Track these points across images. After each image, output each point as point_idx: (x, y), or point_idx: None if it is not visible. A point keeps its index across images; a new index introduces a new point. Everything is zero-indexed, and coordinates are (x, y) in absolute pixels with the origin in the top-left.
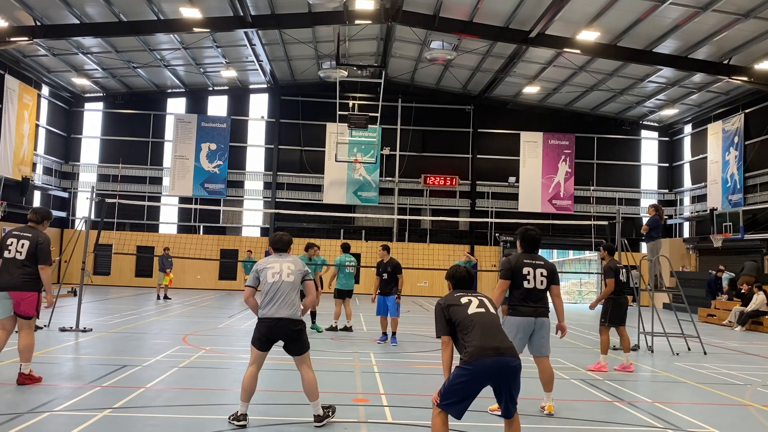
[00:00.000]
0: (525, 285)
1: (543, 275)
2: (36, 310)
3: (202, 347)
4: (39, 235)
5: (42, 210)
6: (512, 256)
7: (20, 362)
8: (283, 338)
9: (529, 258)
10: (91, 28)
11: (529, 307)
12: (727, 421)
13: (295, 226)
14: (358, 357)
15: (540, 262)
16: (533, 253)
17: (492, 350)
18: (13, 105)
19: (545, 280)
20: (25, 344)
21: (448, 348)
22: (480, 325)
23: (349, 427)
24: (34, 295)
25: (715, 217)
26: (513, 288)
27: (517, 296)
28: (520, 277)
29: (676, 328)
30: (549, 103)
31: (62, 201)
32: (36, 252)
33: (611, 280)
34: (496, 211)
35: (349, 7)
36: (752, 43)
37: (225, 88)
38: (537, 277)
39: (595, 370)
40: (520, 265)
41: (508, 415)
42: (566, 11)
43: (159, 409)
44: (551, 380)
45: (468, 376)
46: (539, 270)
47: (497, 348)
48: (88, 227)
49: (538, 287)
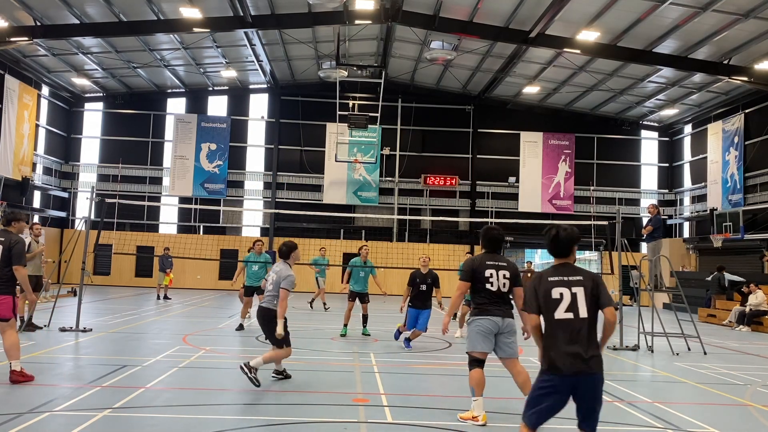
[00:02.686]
0: (488, 287)
1: (506, 277)
2: (12, 312)
3: (202, 347)
4: (12, 237)
5: (8, 213)
6: (475, 256)
7: (9, 361)
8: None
9: (492, 259)
10: (91, 28)
11: (497, 308)
12: (727, 421)
13: (295, 226)
14: (358, 357)
15: (503, 264)
16: (496, 254)
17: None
18: (13, 105)
19: (508, 282)
20: (9, 344)
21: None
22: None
23: (349, 427)
24: (9, 298)
25: (715, 217)
26: (476, 290)
27: (483, 297)
28: (483, 279)
29: (676, 328)
30: (549, 103)
31: (62, 201)
32: (10, 255)
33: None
34: (496, 211)
35: (349, 7)
36: (752, 43)
37: (225, 88)
38: (500, 279)
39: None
40: (482, 267)
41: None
42: (566, 11)
43: (159, 409)
44: (528, 382)
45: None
46: (502, 272)
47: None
48: (88, 227)
49: (502, 289)
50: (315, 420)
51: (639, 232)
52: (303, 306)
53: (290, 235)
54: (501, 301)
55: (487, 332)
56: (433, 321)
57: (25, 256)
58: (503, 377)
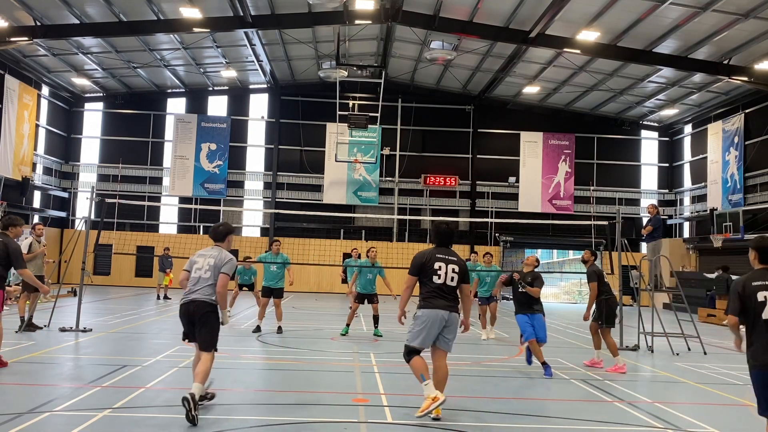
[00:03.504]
0: (435, 280)
1: (454, 271)
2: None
3: None
4: (9, 243)
5: (6, 218)
6: (425, 250)
7: None
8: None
9: (441, 253)
10: (91, 28)
11: (443, 300)
12: (727, 421)
13: (295, 226)
14: (358, 357)
15: (453, 258)
16: (446, 248)
17: None
18: (13, 105)
19: (456, 277)
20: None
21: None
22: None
23: (349, 427)
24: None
25: (715, 217)
26: (424, 283)
27: (430, 290)
28: (431, 272)
29: (676, 328)
30: (549, 103)
31: (62, 201)
32: (8, 259)
33: (594, 284)
34: (496, 211)
35: (349, 7)
36: (752, 43)
37: (225, 88)
38: (448, 273)
39: (614, 371)
40: (431, 260)
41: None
42: (566, 11)
43: (159, 409)
44: (445, 379)
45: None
46: (451, 266)
47: None
48: (88, 227)
49: (449, 283)
50: (315, 420)
51: (639, 232)
52: (303, 306)
53: (290, 235)
54: (448, 295)
55: (430, 325)
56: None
57: (23, 259)
58: (505, 377)
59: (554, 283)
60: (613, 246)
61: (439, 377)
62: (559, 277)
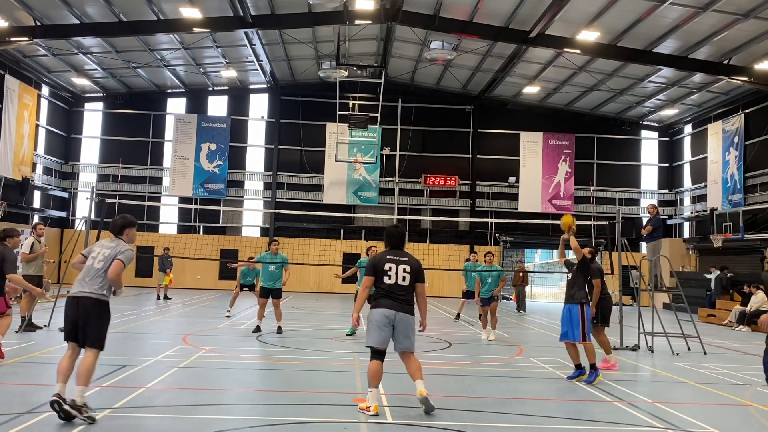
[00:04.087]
0: (386, 281)
1: (406, 271)
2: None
3: (202, 347)
4: (7, 253)
5: (4, 230)
6: (378, 252)
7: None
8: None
9: (392, 254)
10: (91, 28)
11: (391, 300)
12: (727, 421)
13: (295, 226)
14: (358, 357)
15: (404, 259)
16: (399, 250)
17: None
18: (13, 105)
19: (408, 277)
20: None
21: None
22: None
23: (349, 427)
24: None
25: (715, 217)
26: (376, 283)
27: (380, 290)
28: (382, 273)
29: (676, 328)
30: (549, 103)
31: (62, 201)
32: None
33: (598, 280)
34: (496, 211)
35: (349, 7)
36: (752, 43)
37: (225, 88)
38: (399, 273)
39: (606, 369)
40: (383, 261)
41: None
42: (566, 11)
43: (159, 409)
44: (420, 368)
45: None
46: (402, 266)
47: None
48: (88, 227)
49: (400, 282)
50: (315, 420)
51: (639, 232)
52: (303, 306)
53: (290, 235)
54: (399, 295)
55: (381, 324)
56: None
57: (16, 265)
58: (505, 377)
59: (554, 283)
60: (613, 246)
61: (412, 370)
62: (559, 277)
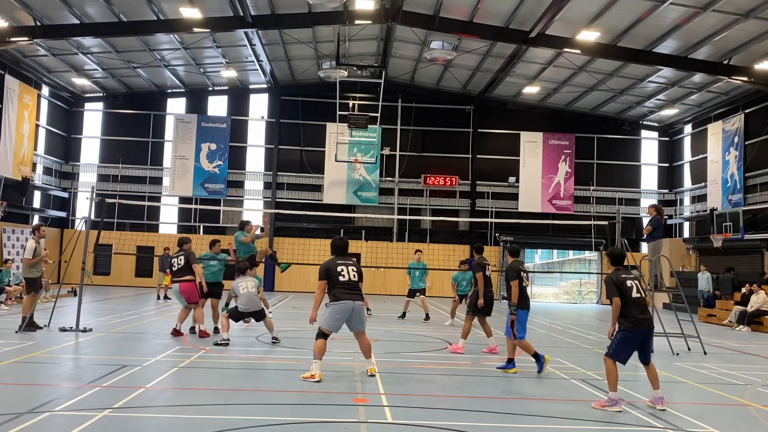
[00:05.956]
0: (341, 279)
1: (354, 270)
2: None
3: (202, 347)
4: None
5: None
6: (327, 260)
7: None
8: None
9: (341, 259)
10: (91, 28)
11: (349, 294)
12: (727, 421)
13: (295, 226)
14: (357, 357)
15: (350, 261)
16: (344, 255)
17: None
18: (13, 105)
19: (357, 274)
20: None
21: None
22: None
23: (349, 427)
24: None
25: (715, 217)
26: (333, 284)
27: (338, 288)
28: (336, 274)
29: (676, 328)
30: (549, 103)
31: (62, 201)
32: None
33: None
34: (496, 211)
35: (349, 7)
36: (752, 43)
37: (225, 88)
38: (350, 272)
39: (455, 352)
40: (334, 265)
41: (646, 362)
42: (566, 11)
43: (159, 409)
44: (369, 349)
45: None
46: (350, 267)
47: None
48: (88, 227)
49: (352, 279)
50: (315, 420)
51: (639, 232)
52: (303, 306)
53: (290, 235)
54: (353, 289)
55: (341, 315)
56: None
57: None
58: (505, 377)
59: (554, 283)
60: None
61: (364, 348)
62: (559, 277)
